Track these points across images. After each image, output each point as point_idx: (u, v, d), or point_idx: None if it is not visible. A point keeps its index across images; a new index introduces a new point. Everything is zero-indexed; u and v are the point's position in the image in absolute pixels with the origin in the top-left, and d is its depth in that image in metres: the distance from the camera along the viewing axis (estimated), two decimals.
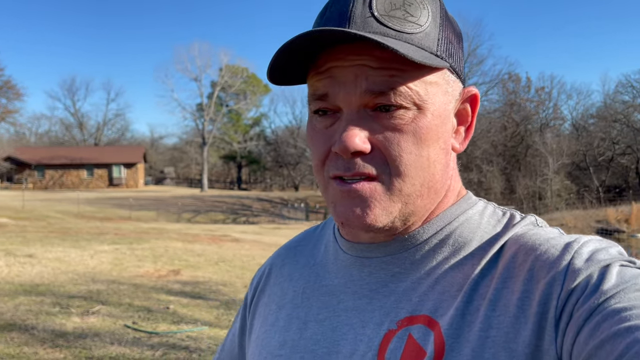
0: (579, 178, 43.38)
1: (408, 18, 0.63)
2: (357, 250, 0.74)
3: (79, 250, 10.74)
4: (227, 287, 7.94)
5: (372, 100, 0.62)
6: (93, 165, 52.82)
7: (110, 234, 14.78)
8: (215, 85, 55.70)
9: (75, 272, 8.42)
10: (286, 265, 0.86)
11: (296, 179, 59.23)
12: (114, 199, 37.76)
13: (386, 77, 0.62)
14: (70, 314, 5.94)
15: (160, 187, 59.30)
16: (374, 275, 0.71)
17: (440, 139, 0.66)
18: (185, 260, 10.14)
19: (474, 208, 0.72)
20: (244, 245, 13.30)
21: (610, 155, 46.29)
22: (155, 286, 7.68)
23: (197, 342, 5.18)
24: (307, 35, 0.60)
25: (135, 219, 27.70)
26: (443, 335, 0.62)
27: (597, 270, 0.58)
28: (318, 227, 0.90)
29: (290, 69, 0.67)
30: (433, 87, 0.65)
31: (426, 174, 0.66)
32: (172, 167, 72.26)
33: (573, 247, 0.61)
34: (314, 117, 0.68)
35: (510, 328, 0.59)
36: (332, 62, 0.64)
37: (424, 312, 0.65)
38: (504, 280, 0.63)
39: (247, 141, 60.65)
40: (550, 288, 0.59)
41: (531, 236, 0.65)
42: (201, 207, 38.15)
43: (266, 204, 42.09)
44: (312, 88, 0.67)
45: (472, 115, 0.72)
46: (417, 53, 0.61)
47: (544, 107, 46.98)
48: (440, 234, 0.70)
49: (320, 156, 0.67)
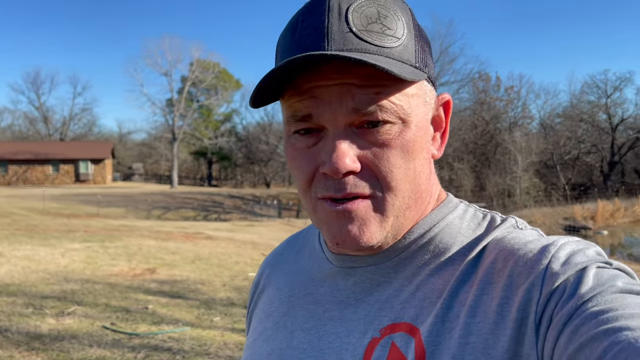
0: (546, 176, 44.34)
1: (386, 32, 0.62)
2: (342, 261, 0.74)
3: (49, 249, 10.40)
4: (205, 285, 7.78)
5: (358, 118, 0.62)
6: (59, 161, 51.42)
7: (79, 231, 14.38)
8: (186, 80, 54.83)
9: (47, 272, 8.13)
10: (273, 274, 0.87)
11: (268, 175, 58.87)
12: (81, 196, 36.82)
13: (372, 95, 0.61)
14: (44, 315, 5.71)
15: (128, 183, 58.16)
16: (359, 285, 0.71)
17: (424, 149, 0.67)
18: (161, 259, 9.91)
19: (454, 212, 0.72)
20: (220, 243, 13.10)
21: (576, 154, 47.47)
22: (131, 285, 7.47)
23: (179, 344, 5.04)
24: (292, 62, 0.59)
25: (103, 216, 27.04)
26: (423, 343, 0.62)
27: (574, 273, 0.58)
28: (302, 232, 0.90)
29: (266, 91, 0.64)
30: (414, 99, 0.65)
31: (414, 186, 0.66)
32: (141, 163, 70.90)
33: (550, 250, 0.61)
34: (293, 137, 0.66)
35: (489, 334, 0.59)
36: (313, 82, 0.62)
37: (405, 319, 0.65)
38: (483, 287, 0.63)
39: (218, 137, 59.93)
40: (529, 294, 0.59)
41: (510, 240, 0.65)
42: (171, 203, 37.53)
43: (238, 200, 41.68)
44: (291, 109, 0.64)
45: (445, 120, 0.73)
46: (403, 69, 0.60)
47: (513, 106, 47.87)
48: (420, 240, 0.70)
49: (305, 177, 0.66)
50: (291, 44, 0.64)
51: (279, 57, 0.67)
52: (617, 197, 35.22)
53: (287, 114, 0.65)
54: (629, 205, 32.13)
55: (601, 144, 47.86)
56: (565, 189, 41.33)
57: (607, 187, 43.51)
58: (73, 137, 68.61)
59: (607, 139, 48.06)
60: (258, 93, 0.63)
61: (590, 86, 50.47)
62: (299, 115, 0.63)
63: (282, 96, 0.66)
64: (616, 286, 0.56)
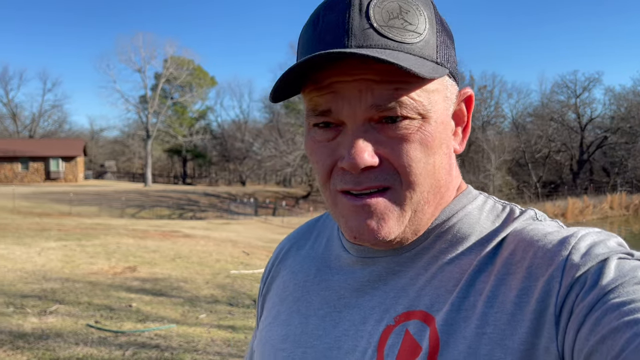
0: (518, 174, 45.24)
1: (407, 27, 0.62)
2: (360, 251, 0.74)
3: (24, 248, 10.21)
4: (188, 283, 7.74)
5: (377, 114, 0.62)
6: (28, 159, 50.19)
7: (53, 230, 14.12)
8: (160, 77, 54.14)
9: (24, 270, 7.98)
10: (289, 258, 0.87)
11: (243, 173, 58.55)
12: (53, 194, 36.08)
13: (391, 91, 0.61)
14: (26, 314, 5.62)
15: (101, 181, 57.18)
16: (375, 273, 0.72)
17: (443, 144, 0.67)
18: (140, 257, 9.82)
19: (473, 203, 0.72)
20: (199, 241, 13.03)
21: (546, 153, 48.51)
22: (113, 284, 7.40)
23: (167, 341, 5.02)
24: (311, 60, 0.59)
25: (76, 215, 26.57)
26: (438, 331, 0.62)
27: (595, 264, 0.57)
28: (320, 218, 0.89)
29: (286, 85, 0.65)
30: (434, 95, 0.65)
31: (433, 181, 0.66)
32: (113, 161, 69.76)
33: (570, 241, 0.60)
34: (313, 130, 0.67)
35: (506, 325, 0.59)
36: (333, 77, 0.62)
37: (420, 307, 0.65)
38: (501, 277, 0.62)
39: (193, 135, 59.35)
40: (549, 286, 0.58)
41: (529, 231, 0.65)
42: (146, 202, 37.07)
43: (213, 199, 41.39)
44: (311, 103, 0.65)
45: (467, 115, 0.73)
46: (422, 66, 0.60)
47: (486, 105, 48.60)
48: (439, 229, 0.70)
49: (325, 170, 0.66)
50: (312, 40, 0.64)
51: (300, 51, 0.67)
52: (586, 195, 36.17)
53: (308, 108, 0.66)
54: (597, 203, 33.04)
55: (571, 143, 49.02)
56: (536, 187, 42.21)
57: (576, 185, 44.62)
58: (43, 134, 67.09)
59: (576, 137, 49.24)
60: (278, 89, 0.63)
61: (560, 86, 51.68)
62: (319, 110, 0.64)
63: (302, 90, 0.67)
64: (638, 277, 0.55)
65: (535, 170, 47.04)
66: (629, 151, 45.48)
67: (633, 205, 33.78)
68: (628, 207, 33.52)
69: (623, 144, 46.46)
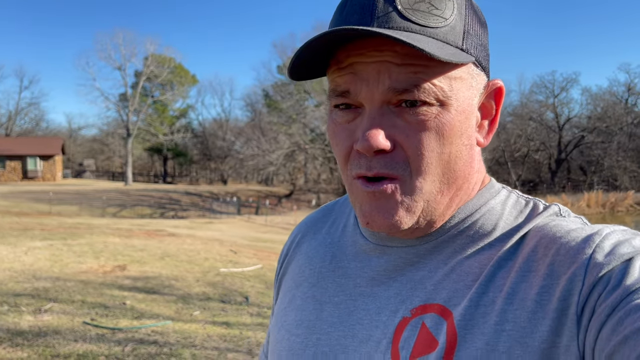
0: (498, 173, 45.87)
1: (432, 11, 0.61)
2: (378, 238, 0.73)
3: (9, 247, 10.12)
4: (179, 281, 7.80)
5: (395, 97, 0.61)
6: (5, 157, 49.34)
7: (36, 229, 13.99)
8: (140, 75, 53.68)
9: (13, 270, 7.95)
10: (304, 243, 0.86)
11: (225, 172, 58.34)
12: (30, 193, 35.58)
13: (410, 75, 0.60)
14: (21, 312, 5.64)
15: (80, 180, 56.47)
16: (392, 263, 0.71)
17: (463, 135, 0.65)
18: (129, 256, 9.82)
19: (496, 198, 0.71)
20: (186, 240, 13.04)
21: (525, 151, 49.26)
22: (104, 282, 7.42)
23: (164, 337, 5.10)
24: (324, 35, 0.59)
25: (56, 214, 26.27)
26: (455, 326, 0.61)
27: (619, 264, 0.56)
28: (337, 202, 0.89)
29: (311, 64, 0.66)
30: (457, 83, 0.63)
31: (447, 171, 0.65)
32: (92, 159, 68.94)
33: (594, 240, 0.59)
34: (334, 112, 0.67)
35: (527, 323, 0.58)
36: (353, 58, 0.62)
37: (438, 300, 0.65)
38: (522, 274, 0.62)
39: (174, 133, 58.92)
40: (571, 284, 0.57)
41: (552, 228, 0.64)
42: (127, 201, 36.77)
43: (195, 198, 41.21)
44: (333, 84, 0.65)
45: (496, 108, 0.71)
46: (442, 50, 0.59)
47: None
48: (461, 225, 0.69)
49: (343, 152, 0.66)
50: (338, 22, 0.65)
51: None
52: (564, 193, 36.86)
53: (330, 88, 0.66)
54: (575, 201, 33.70)
55: (549, 142, 49.88)
56: (516, 185, 42.85)
57: (554, 183, 45.45)
58: (19, 132, 65.99)
59: (554, 137, 50.13)
60: (294, 64, 0.64)
61: (539, 86, 52.58)
62: (339, 90, 0.64)
63: (327, 70, 0.67)
64: None
65: (515, 168, 47.81)
66: (605, 150, 46.48)
67: (609, 203, 34.54)
68: (604, 205, 34.27)
69: (599, 143, 47.45)
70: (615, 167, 45.10)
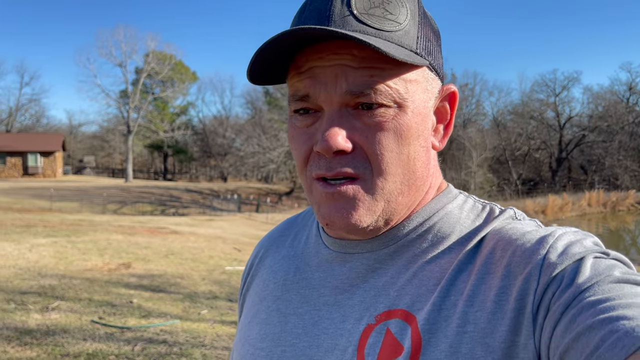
0: (499, 171, 45.87)
1: (387, 16, 0.63)
2: (339, 246, 0.74)
3: (13, 244, 10.10)
4: (185, 280, 7.77)
5: (353, 100, 0.63)
6: (6, 153, 49.26)
7: (38, 226, 13.95)
8: (141, 71, 53.52)
9: (18, 267, 7.92)
10: (268, 257, 0.87)
11: (225, 169, 58.27)
12: (31, 189, 35.50)
13: (366, 78, 0.62)
14: (28, 311, 5.61)
15: (80, 176, 56.41)
16: (354, 271, 0.71)
17: (420, 136, 0.67)
18: (133, 253, 9.80)
19: (453, 202, 0.73)
20: (189, 238, 13.01)
21: (526, 150, 49.24)
22: (110, 280, 7.39)
23: (173, 336, 5.07)
24: (287, 34, 0.60)
25: (57, 210, 26.22)
26: (420, 331, 0.62)
27: (571, 263, 0.58)
28: (299, 216, 0.90)
29: (269, 68, 0.66)
30: (413, 85, 0.65)
31: (407, 172, 0.66)
32: (92, 156, 68.83)
33: (548, 241, 0.61)
34: (294, 116, 0.68)
35: (487, 324, 0.60)
36: (312, 62, 0.64)
37: (401, 306, 0.66)
38: (481, 276, 0.63)
39: (174, 130, 58.83)
40: (527, 284, 0.59)
41: (508, 230, 0.66)
42: (127, 198, 36.70)
43: (196, 195, 41.14)
44: (292, 89, 0.66)
45: (450, 113, 0.73)
46: (397, 51, 0.61)
47: (468, 102, 49.12)
48: (419, 228, 0.70)
49: (302, 155, 0.67)
50: (297, 23, 0.66)
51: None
52: (565, 192, 36.83)
53: (289, 93, 0.67)
54: (576, 200, 33.68)
55: (550, 141, 49.85)
56: (517, 184, 42.86)
57: (555, 182, 45.43)
58: (20, 128, 65.87)
59: (555, 135, 50.10)
60: (253, 67, 0.64)
61: (540, 85, 52.53)
62: (299, 95, 0.65)
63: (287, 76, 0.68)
64: (613, 276, 0.56)
65: (516, 167, 47.78)
66: (606, 149, 46.46)
67: (610, 202, 34.53)
68: (605, 205, 34.26)
69: (600, 142, 47.43)
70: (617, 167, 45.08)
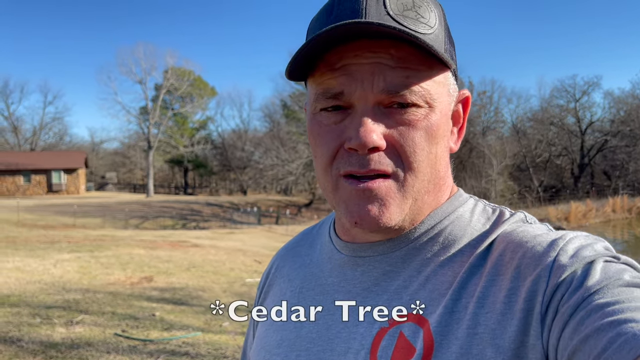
0: (520, 179, 45.31)
1: (420, 19, 0.64)
2: (351, 250, 0.75)
3: (39, 260, 10.28)
4: (206, 292, 7.83)
5: (387, 98, 0.63)
6: (30, 171, 50.27)
7: (62, 242, 14.19)
8: (161, 88, 54.33)
9: (43, 282, 8.06)
10: (285, 267, 0.88)
11: (244, 182, 58.63)
12: (55, 206, 36.14)
13: (403, 78, 0.63)
14: (53, 325, 5.70)
15: (102, 192, 57.25)
16: (366, 274, 0.72)
17: (445, 137, 0.69)
18: (155, 267, 9.90)
19: (464, 206, 0.74)
20: (210, 251, 13.11)
21: (547, 157, 48.62)
22: (132, 294, 7.48)
23: (195, 348, 5.10)
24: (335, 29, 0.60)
25: (80, 227, 26.62)
26: (432, 333, 0.63)
27: (581, 266, 0.59)
28: (315, 226, 0.91)
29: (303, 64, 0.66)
30: (441, 87, 0.67)
31: (433, 171, 0.68)
32: (114, 172, 69.86)
33: (559, 244, 0.62)
34: (319, 114, 0.68)
35: (496, 325, 0.60)
36: (347, 60, 0.63)
37: (414, 310, 0.67)
38: (491, 278, 0.64)
39: (194, 145, 59.45)
40: (536, 285, 0.59)
41: (519, 233, 0.67)
42: (149, 213, 37.11)
43: (216, 208, 41.44)
44: (322, 86, 0.66)
45: (463, 116, 0.75)
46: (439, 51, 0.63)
47: (486, 110, 48.76)
48: (431, 231, 0.71)
49: (329, 152, 0.67)
50: (327, 23, 0.64)
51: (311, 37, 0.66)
52: (588, 198, 36.25)
53: (318, 91, 0.66)
54: (600, 206, 33.10)
55: (571, 147, 49.16)
56: (538, 191, 42.31)
57: (577, 189, 44.72)
58: (44, 146, 67.20)
59: (576, 141, 49.39)
60: (295, 62, 0.64)
61: (560, 90, 51.84)
62: (332, 92, 0.65)
63: (311, 74, 0.67)
64: (623, 280, 0.57)
65: (537, 174, 47.18)
66: (630, 154, 45.63)
67: (635, 208, 33.86)
68: (630, 210, 33.60)
69: (623, 147, 46.61)
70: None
